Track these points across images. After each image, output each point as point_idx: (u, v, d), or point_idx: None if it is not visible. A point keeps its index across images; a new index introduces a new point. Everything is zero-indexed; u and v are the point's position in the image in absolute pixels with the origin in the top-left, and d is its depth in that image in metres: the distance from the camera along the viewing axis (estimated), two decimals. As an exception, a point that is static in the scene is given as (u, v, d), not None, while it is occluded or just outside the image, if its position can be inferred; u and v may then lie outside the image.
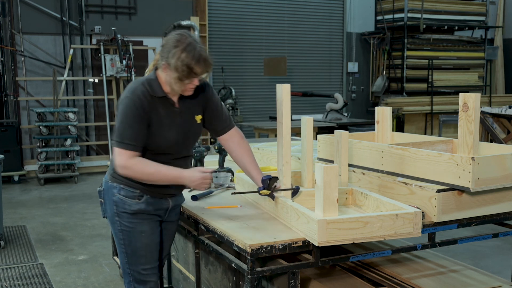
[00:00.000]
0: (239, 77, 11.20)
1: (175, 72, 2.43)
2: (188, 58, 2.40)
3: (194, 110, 2.66)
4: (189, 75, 2.43)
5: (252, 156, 2.76)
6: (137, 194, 2.59)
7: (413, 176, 2.69)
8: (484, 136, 7.40)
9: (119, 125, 2.48)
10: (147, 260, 2.66)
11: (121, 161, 2.46)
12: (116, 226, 2.65)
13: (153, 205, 2.64)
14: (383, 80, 12.04)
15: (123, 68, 9.16)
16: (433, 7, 11.85)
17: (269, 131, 8.43)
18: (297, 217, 2.37)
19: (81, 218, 6.35)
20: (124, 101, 2.48)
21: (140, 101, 2.46)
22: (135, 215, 2.60)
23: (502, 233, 2.82)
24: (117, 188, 2.60)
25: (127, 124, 2.46)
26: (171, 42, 2.45)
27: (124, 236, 2.63)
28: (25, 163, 9.00)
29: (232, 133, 2.77)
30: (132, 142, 2.45)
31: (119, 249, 2.70)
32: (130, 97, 2.47)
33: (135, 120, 2.45)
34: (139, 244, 2.63)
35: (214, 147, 3.51)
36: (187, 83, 2.47)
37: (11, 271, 4.65)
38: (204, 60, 2.44)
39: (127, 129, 2.45)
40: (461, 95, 2.48)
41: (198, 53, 2.42)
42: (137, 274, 2.68)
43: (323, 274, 2.95)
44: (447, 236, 2.89)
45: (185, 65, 2.40)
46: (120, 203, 2.60)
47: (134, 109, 2.45)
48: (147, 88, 2.50)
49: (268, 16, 11.39)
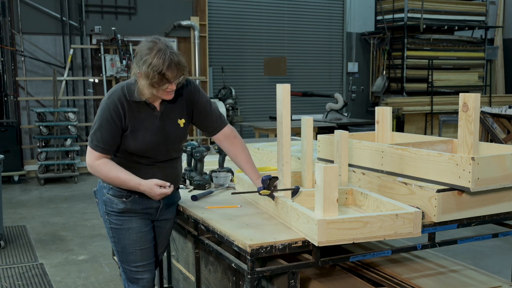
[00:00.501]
0: (239, 77, 11.20)
1: (147, 79, 2.43)
2: (159, 64, 2.40)
3: (177, 113, 2.66)
4: (161, 81, 2.43)
5: (246, 154, 2.76)
6: (125, 194, 2.63)
7: (413, 176, 2.69)
8: (484, 136, 7.40)
9: (93, 126, 2.57)
10: (137, 257, 2.69)
11: (89, 160, 2.57)
12: (106, 224, 2.72)
13: (141, 204, 2.66)
14: (383, 80, 12.04)
15: (123, 68, 9.16)
16: (433, 7, 11.85)
17: (269, 131, 8.43)
18: (297, 217, 2.37)
19: (81, 218, 6.35)
20: (101, 104, 2.58)
21: (114, 106, 2.52)
22: (123, 213, 2.65)
23: (502, 233, 2.82)
24: (107, 188, 2.66)
25: (99, 126, 2.54)
26: (143, 49, 2.47)
27: (114, 234, 2.69)
28: (25, 163, 9.00)
29: (225, 132, 2.77)
30: (100, 144, 2.53)
31: (113, 247, 2.79)
32: (106, 101, 2.55)
33: (107, 123, 2.52)
34: (127, 241, 2.67)
35: (214, 147, 3.51)
36: (164, 89, 2.47)
37: (11, 271, 4.65)
38: (176, 64, 2.43)
39: (98, 131, 2.54)
40: (461, 95, 2.48)
41: (168, 58, 2.41)
42: (129, 272, 2.73)
43: (323, 274, 2.95)
44: (447, 236, 2.89)
45: (155, 72, 2.40)
46: (108, 202, 2.66)
47: (108, 113, 2.52)
48: (125, 93, 2.54)
49: (268, 16, 11.39)
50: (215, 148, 3.50)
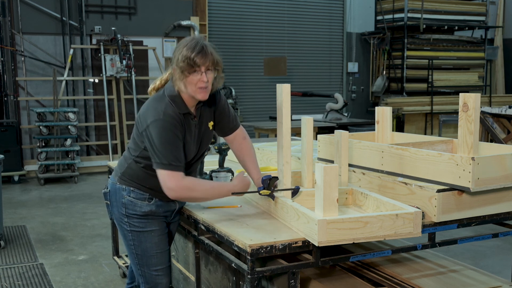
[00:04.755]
0: (239, 77, 11.20)
1: (178, 68, 2.42)
2: (188, 50, 2.40)
3: (207, 117, 2.66)
4: (190, 67, 2.40)
5: (253, 156, 2.78)
6: (147, 197, 2.61)
7: (413, 176, 2.69)
8: (484, 136, 7.40)
9: (158, 149, 2.41)
10: (158, 260, 2.67)
11: (173, 184, 2.41)
12: (125, 227, 2.66)
13: (162, 207, 2.66)
14: (383, 80, 12.04)
15: (123, 68, 9.16)
16: (433, 7, 11.85)
17: (269, 131, 8.43)
18: (297, 217, 2.37)
19: (81, 218, 6.35)
20: (158, 123, 2.41)
21: (173, 120, 2.44)
22: (145, 216, 2.63)
23: (502, 233, 2.82)
24: (127, 191, 2.62)
25: (169, 145, 2.41)
26: (179, 45, 2.47)
27: (134, 237, 2.64)
28: (25, 163, 9.00)
29: (237, 133, 2.79)
30: (178, 163, 2.43)
31: (129, 251, 2.71)
32: (163, 118, 2.42)
33: (175, 140, 2.43)
34: (149, 244, 2.64)
35: (214, 147, 3.51)
36: (195, 81, 2.42)
37: (11, 271, 4.65)
38: (204, 50, 2.41)
39: (169, 152, 2.41)
40: (461, 95, 2.48)
41: (199, 45, 2.41)
42: (149, 276, 2.68)
43: (323, 274, 2.95)
44: (447, 236, 2.90)
45: (185, 57, 2.39)
46: (130, 205, 2.61)
47: (173, 129, 2.42)
48: (173, 106, 2.47)
49: (268, 16, 11.39)
50: (215, 148, 3.50)
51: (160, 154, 2.41)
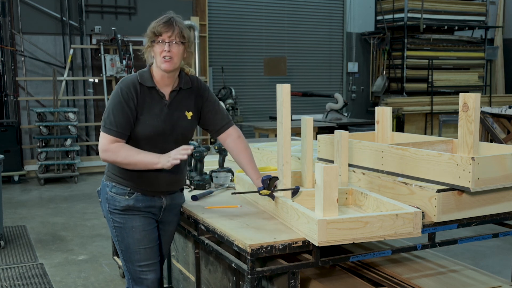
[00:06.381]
0: (239, 77, 11.20)
1: (147, 38, 2.57)
2: (156, 22, 2.56)
3: (185, 105, 2.69)
4: (154, 36, 2.53)
5: (249, 155, 2.77)
6: (127, 191, 2.64)
7: (413, 176, 2.69)
8: (484, 136, 7.40)
9: (106, 110, 2.59)
10: (141, 256, 2.67)
11: (102, 145, 2.55)
12: (110, 223, 2.71)
13: (144, 202, 2.66)
14: (383, 80, 12.04)
15: (123, 68, 9.15)
16: (433, 7, 11.85)
17: (269, 131, 8.43)
18: (297, 217, 2.37)
19: (81, 218, 6.35)
20: (114, 89, 2.61)
21: (127, 89, 2.56)
22: (126, 211, 2.65)
23: (502, 233, 2.82)
24: (110, 186, 2.66)
25: (112, 110, 2.55)
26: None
27: (117, 233, 2.68)
28: (25, 163, 9.00)
29: (230, 132, 2.79)
30: (113, 128, 2.53)
31: (116, 246, 2.75)
32: (119, 85, 2.60)
33: (120, 106, 2.54)
34: (131, 239, 2.66)
35: (214, 147, 3.51)
36: (159, 51, 2.53)
37: (11, 271, 4.65)
38: (170, 21, 2.55)
39: (111, 115, 2.55)
40: (461, 95, 2.48)
41: (167, 17, 2.57)
42: (133, 272, 2.70)
43: (323, 274, 2.95)
44: (447, 236, 2.90)
45: (151, 27, 2.55)
46: (111, 200, 2.66)
47: (120, 96, 2.55)
48: (138, 78, 2.61)
49: (268, 16, 11.39)
50: (215, 148, 3.50)
51: (104, 117, 2.57)
